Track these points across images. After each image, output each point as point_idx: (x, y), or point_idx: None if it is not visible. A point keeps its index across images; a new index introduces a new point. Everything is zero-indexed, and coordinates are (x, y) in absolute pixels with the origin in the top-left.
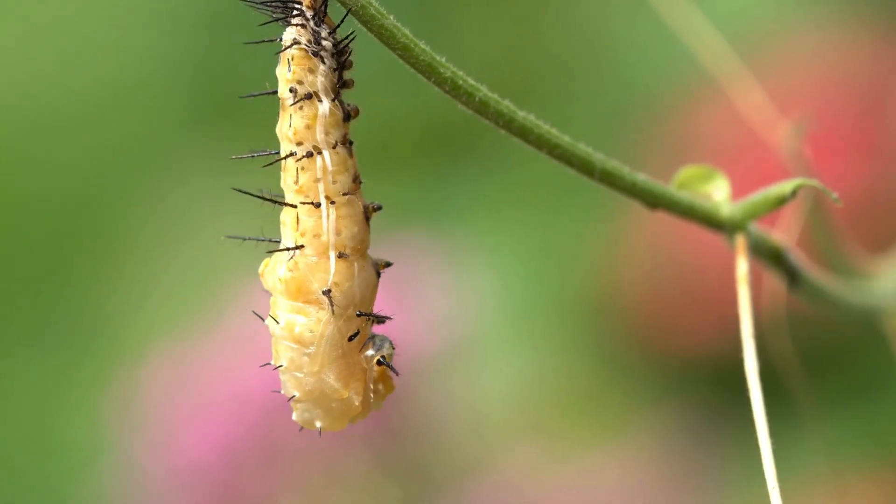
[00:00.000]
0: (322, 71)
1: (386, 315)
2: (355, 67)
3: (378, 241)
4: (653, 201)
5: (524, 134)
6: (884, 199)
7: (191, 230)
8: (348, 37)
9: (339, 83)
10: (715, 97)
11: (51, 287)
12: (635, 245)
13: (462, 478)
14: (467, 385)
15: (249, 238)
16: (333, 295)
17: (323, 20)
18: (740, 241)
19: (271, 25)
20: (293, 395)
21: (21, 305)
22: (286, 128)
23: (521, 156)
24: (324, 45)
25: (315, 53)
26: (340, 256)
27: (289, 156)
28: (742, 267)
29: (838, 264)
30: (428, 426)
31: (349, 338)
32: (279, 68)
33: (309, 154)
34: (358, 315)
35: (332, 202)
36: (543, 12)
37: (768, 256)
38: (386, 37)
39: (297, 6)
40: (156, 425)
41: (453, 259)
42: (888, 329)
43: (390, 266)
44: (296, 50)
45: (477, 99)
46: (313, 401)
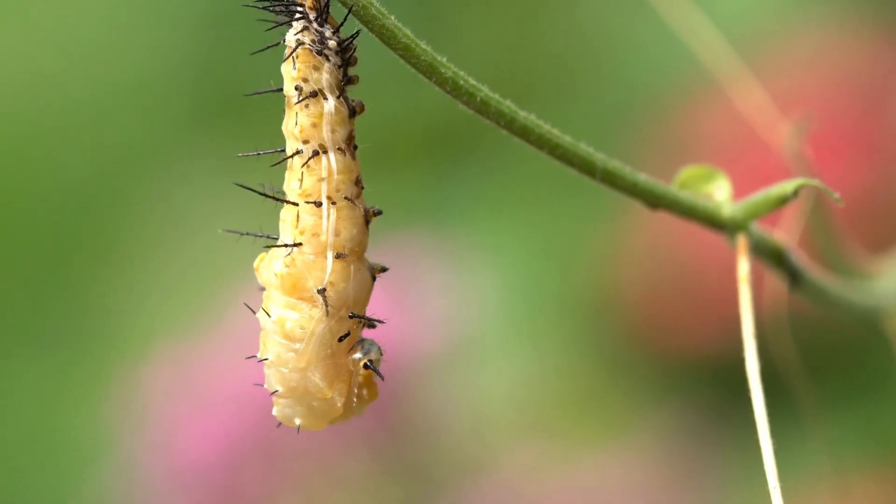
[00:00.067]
0: (327, 68)
1: (378, 319)
2: (357, 67)
3: (379, 242)
4: (654, 201)
5: (525, 134)
6: (885, 199)
7: (191, 230)
8: (353, 35)
9: (344, 80)
10: (716, 97)
11: (51, 287)
12: (636, 245)
13: (462, 478)
14: (467, 385)
15: (247, 233)
16: (328, 294)
17: (326, 20)
18: (741, 241)
19: (276, 26)
20: (276, 390)
21: (21, 305)
22: (292, 126)
23: (522, 156)
24: (328, 45)
25: (319, 52)
26: (338, 257)
27: (295, 154)
28: (743, 267)
29: (839, 264)
30: (428, 426)
31: (339, 338)
32: (284, 66)
33: (315, 153)
34: (350, 317)
35: (334, 203)
36: (544, 12)
37: (769, 256)
38: (387, 37)
39: (300, 8)
40: (156, 425)
41: (454, 259)
42: (889, 329)
43: (386, 271)
44: (300, 49)
45: (478, 99)
46: (296, 398)
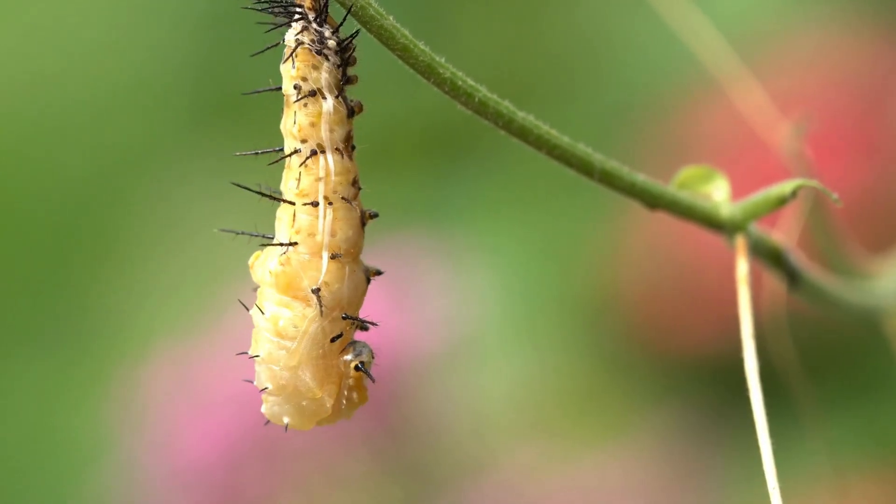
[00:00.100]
0: (326, 68)
1: (371, 322)
2: (355, 67)
3: (378, 242)
4: (652, 201)
5: (524, 134)
6: (884, 200)
7: (191, 230)
8: (353, 34)
9: (343, 80)
10: (715, 97)
11: (51, 287)
12: (635, 245)
13: (462, 478)
14: (467, 385)
15: (243, 232)
16: (322, 294)
17: (325, 20)
18: (740, 242)
19: (275, 28)
20: (266, 387)
21: (21, 305)
22: (290, 125)
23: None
24: (328, 44)
25: (319, 52)
26: (333, 257)
27: (293, 153)
28: (742, 267)
29: (838, 264)
30: (428, 426)
31: (332, 339)
32: (284, 65)
33: (313, 153)
34: (343, 318)
35: (330, 203)
36: (543, 12)
37: (768, 257)
38: (385, 37)
39: (299, 9)
40: (156, 425)
41: (453, 259)
42: (888, 329)
43: (381, 274)
44: (300, 49)
45: (476, 99)
46: (285, 396)
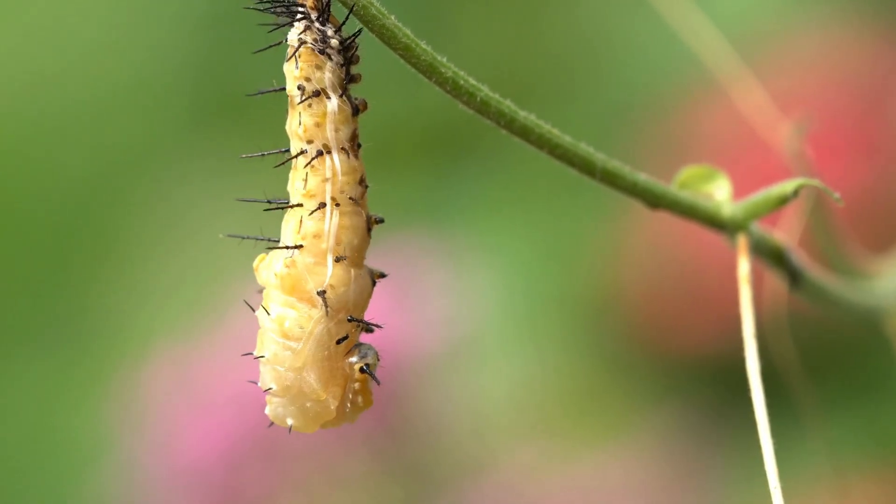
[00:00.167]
0: (329, 67)
1: (376, 324)
2: (358, 66)
3: (379, 242)
4: (654, 201)
5: (525, 134)
6: (885, 199)
7: (192, 230)
8: (356, 33)
9: (347, 78)
10: (716, 97)
11: (51, 287)
12: (636, 245)
13: (463, 478)
14: (468, 385)
15: (248, 237)
16: (328, 296)
17: (328, 19)
18: (742, 241)
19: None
20: (269, 388)
21: (21, 305)
22: (296, 125)
23: (522, 156)
24: (330, 44)
25: (322, 51)
26: (338, 260)
27: (299, 154)
28: (743, 267)
29: (839, 264)
30: (428, 426)
31: (337, 341)
32: (287, 65)
33: (319, 153)
34: (349, 320)
35: (337, 204)
36: (544, 12)
37: (770, 256)
38: (387, 37)
39: (301, 8)
40: (156, 426)
41: (454, 259)
42: (889, 329)
43: (385, 277)
44: (303, 49)
45: (478, 99)
46: (290, 397)
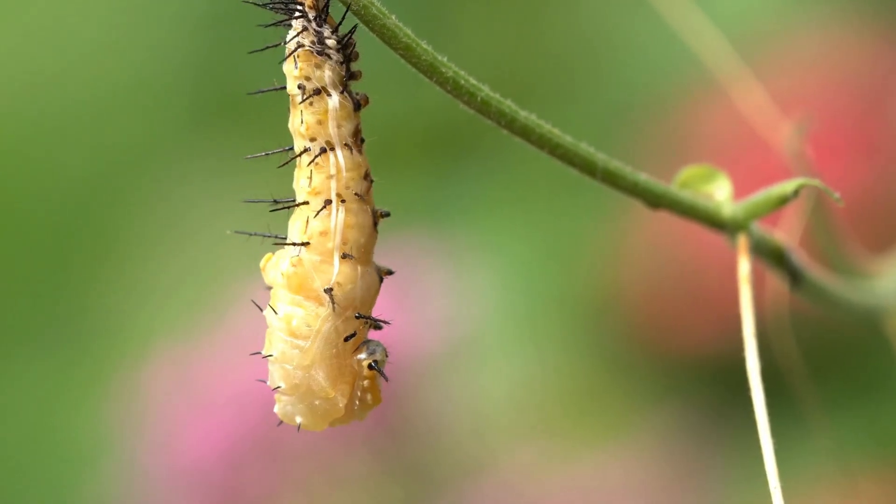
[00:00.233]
0: (329, 66)
1: (384, 320)
2: (359, 64)
3: (379, 242)
4: (654, 201)
5: (526, 134)
6: (885, 199)
7: (191, 230)
8: (351, 30)
9: (347, 75)
10: (716, 97)
11: (51, 287)
12: (637, 245)
13: (463, 478)
14: (468, 385)
15: (255, 234)
16: (335, 294)
17: (325, 20)
18: (742, 241)
19: (274, 26)
20: (278, 387)
21: (21, 305)
22: (298, 124)
23: (523, 156)
24: (328, 44)
25: (320, 52)
26: (344, 257)
27: (303, 152)
28: (744, 267)
29: (840, 264)
30: (428, 426)
31: (345, 338)
32: (286, 65)
33: (322, 150)
34: (357, 317)
35: (343, 201)
36: (544, 12)
37: (770, 256)
38: (388, 37)
39: (300, 7)
40: (156, 426)
41: (455, 259)
42: (890, 329)
43: (392, 274)
44: (301, 52)
45: (479, 99)
46: (298, 395)
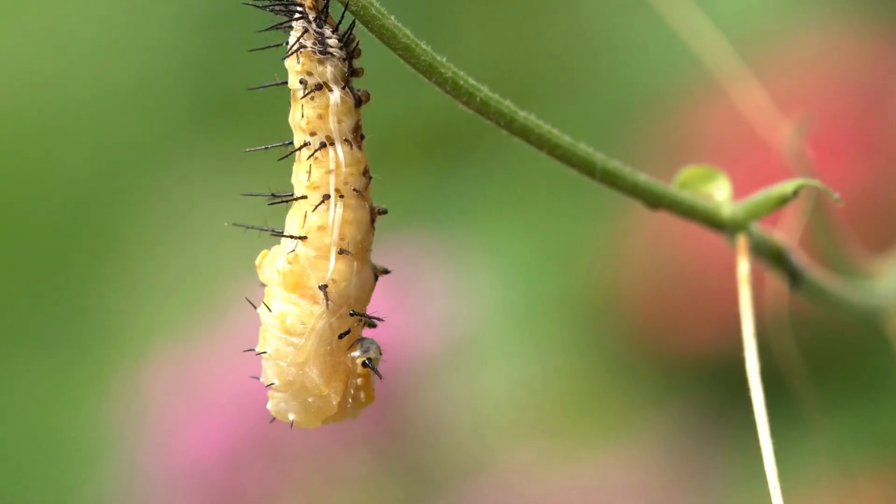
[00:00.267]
0: (332, 62)
1: (378, 317)
2: (359, 62)
3: (379, 242)
4: (654, 201)
5: (525, 134)
6: (885, 199)
7: (191, 230)
8: (350, 26)
9: (349, 72)
10: (716, 97)
11: (51, 287)
12: (636, 245)
13: (463, 478)
14: (468, 385)
15: (253, 227)
16: (329, 290)
17: (325, 21)
18: (742, 241)
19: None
20: (272, 384)
21: (21, 305)
22: (298, 118)
23: (522, 156)
24: (329, 43)
25: (322, 52)
26: (341, 253)
27: (303, 146)
28: (743, 267)
29: (840, 264)
30: (428, 426)
31: (339, 335)
32: (288, 60)
33: (322, 145)
34: (351, 314)
35: (341, 196)
36: (544, 12)
37: (770, 256)
38: (387, 37)
39: (300, 8)
40: (156, 426)
41: (454, 259)
42: (890, 329)
43: (388, 273)
44: (303, 54)
45: (478, 99)
46: (292, 392)
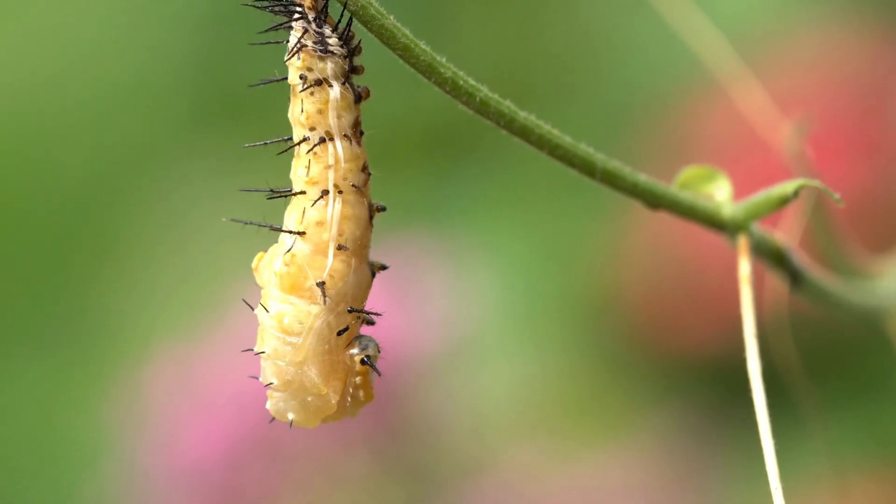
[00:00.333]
0: (332, 60)
1: (376, 313)
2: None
3: (379, 242)
4: (654, 202)
5: (525, 134)
6: (885, 199)
7: (192, 230)
8: (348, 23)
9: (350, 69)
10: (716, 97)
11: (51, 287)
12: (637, 245)
13: (463, 478)
14: (468, 385)
15: (251, 222)
16: (327, 287)
17: (325, 20)
18: (742, 242)
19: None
20: (271, 383)
21: (21, 305)
22: (298, 113)
23: (522, 156)
24: (329, 42)
25: (323, 51)
26: (339, 249)
27: (302, 141)
28: (744, 267)
29: (840, 264)
30: (428, 426)
31: (338, 333)
32: (289, 60)
33: (322, 140)
34: (349, 311)
35: (340, 192)
36: (544, 12)
37: (770, 257)
38: (386, 37)
39: (299, 8)
40: (157, 426)
41: (454, 259)
42: (890, 329)
43: (386, 269)
44: (304, 54)
45: (478, 99)
46: (291, 392)
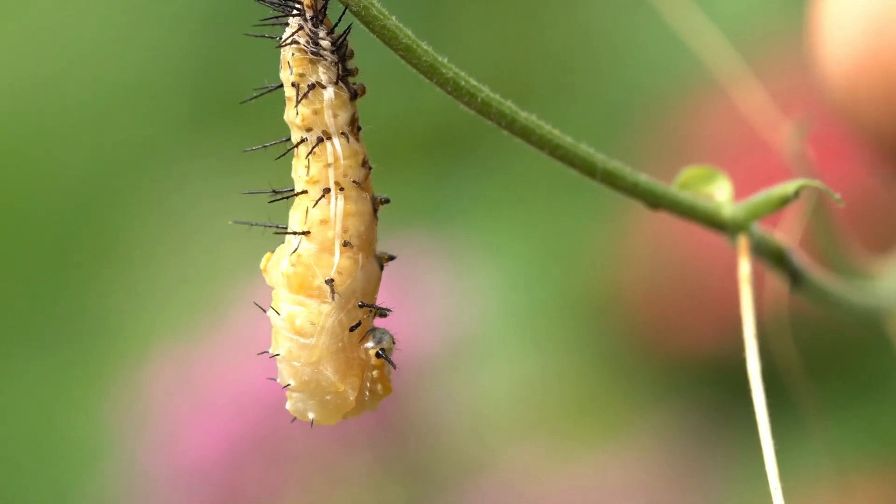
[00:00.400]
0: (323, 65)
1: (388, 308)
2: (356, 62)
3: (380, 242)
4: (654, 202)
5: (526, 134)
6: (885, 200)
7: (192, 230)
8: (345, 31)
9: (343, 73)
10: (716, 97)
11: (51, 287)
12: (637, 245)
13: (463, 478)
14: (468, 385)
15: (256, 224)
16: (336, 284)
17: (322, 21)
18: (742, 242)
19: (272, 24)
20: (289, 384)
21: (21, 305)
22: (293, 115)
23: (523, 156)
24: (322, 45)
25: (314, 53)
26: (345, 245)
27: (300, 143)
28: (744, 267)
29: (840, 265)
30: (429, 426)
31: (350, 328)
32: (282, 73)
33: (319, 140)
34: (360, 306)
35: (342, 189)
36: (544, 12)
37: (770, 257)
38: (388, 38)
39: (298, 6)
40: (158, 426)
41: (455, 259)
42: (890, 329)
43: (394, 259)
44: (295, 50)
45: (479, 100)
46: (308, 392)
